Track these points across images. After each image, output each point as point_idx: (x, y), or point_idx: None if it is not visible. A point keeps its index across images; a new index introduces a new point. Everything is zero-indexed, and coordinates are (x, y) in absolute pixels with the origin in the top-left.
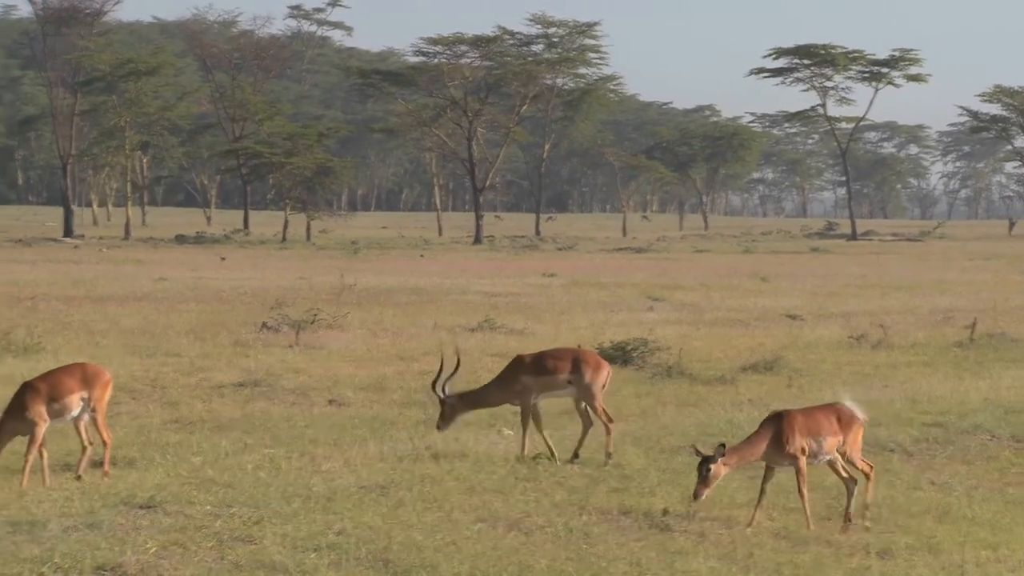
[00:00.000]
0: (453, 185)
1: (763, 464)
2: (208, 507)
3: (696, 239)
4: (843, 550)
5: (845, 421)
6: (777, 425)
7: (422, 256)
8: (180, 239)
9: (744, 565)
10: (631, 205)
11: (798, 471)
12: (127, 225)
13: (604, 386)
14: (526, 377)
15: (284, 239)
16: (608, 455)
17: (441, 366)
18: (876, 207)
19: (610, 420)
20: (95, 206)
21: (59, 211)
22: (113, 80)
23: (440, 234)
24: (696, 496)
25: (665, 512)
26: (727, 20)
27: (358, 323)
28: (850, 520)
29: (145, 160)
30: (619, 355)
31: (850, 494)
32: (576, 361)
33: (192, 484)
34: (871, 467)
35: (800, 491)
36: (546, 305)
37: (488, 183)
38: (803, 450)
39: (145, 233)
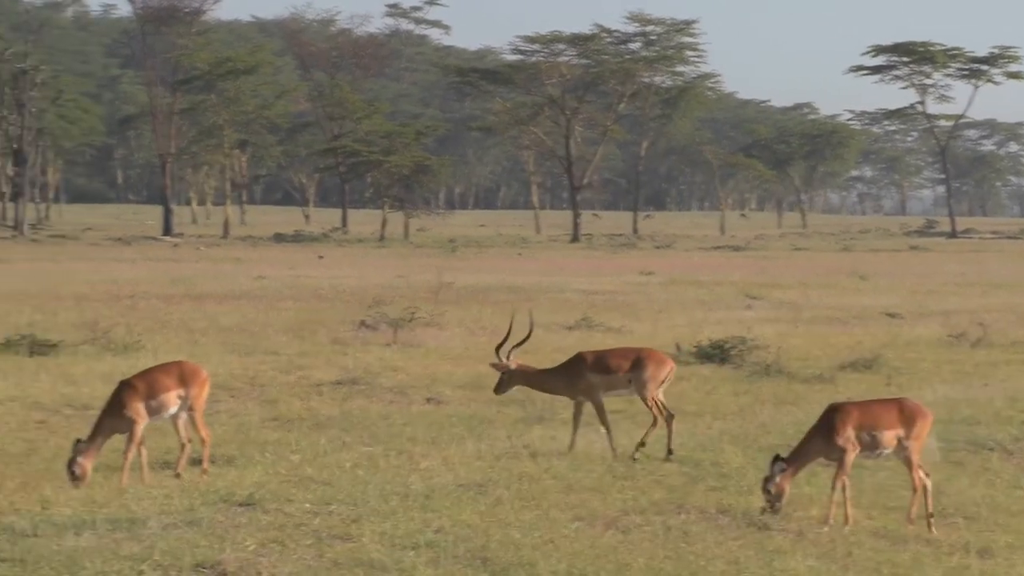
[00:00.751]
0: (551, 183)
1: (859, 461)
2: (307, 505)
3: (794, 237)
4: (943, 549)
5: (908, 415)
6: (829, 418)
7: (519, 254)
8: (278, 237)
9: (843, 564)
10: (729, 203)
11: (841, 464)
12: (226, 224)
13: (664, 382)
14: (592, 376)
15: (382, 237)
16: (670, 451)
17: (508, 333)
18: (975, 205)
19: (670, 415)
20: (194, 204)
21: (158, 210)
22: (212, 79)
23: (538, 232)
24: (773, 511)
25: (763, 511)
26: (825, 18)
27: (456, 321)
28: (932, 516)
29: (244, 159)
30: (717, 353)
31: (924, 497)
32: (638, 359)
33: (291, 482)
34: (928, 475)
35: (834, 484)
36: (644, 303)
37: (585, 181)
38: (853, 443)
39: (244, 232)
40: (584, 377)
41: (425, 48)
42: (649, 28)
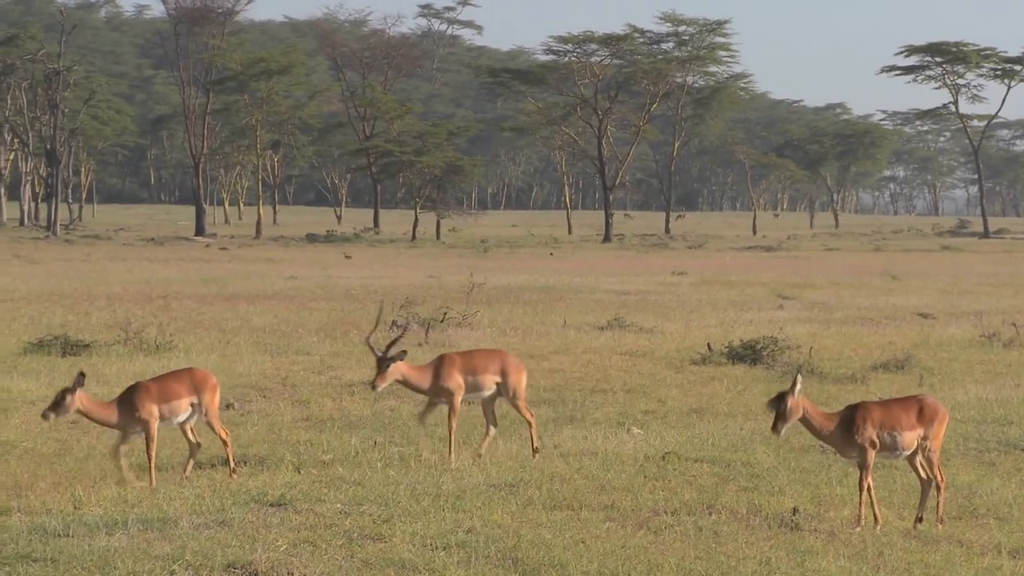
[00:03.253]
0: (583, 183)
1: (891, 463)
2: (338, 505)
3: (826, 237)
4: (974, 549)
5: (928, 414)
6: (851, 414)
7: (551, 254)
8: (311, 238)
9: (874, 564)
10: (761, 203)
11: (863, 464)
12: (258, 224)
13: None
14: (460, 376)
15: (414, 237)
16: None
17: (377, 323)
18: (1008, 205)
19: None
20: (226, 205)
21: (191, 210)
22: (244, 79)
23: (570, 232)
24: (776, 430)
25: (795, 511)
26: (858, 18)
27: (487, 321)
28: (921, 520)
29: (276, 159)
30: (748, 354)
31: (925, 495)
32: (503, 363)
33: (322, 482)
34: (943, 478)
35: (860, 485)
36: (676, 303)
37: (618, 181)
38: (873, 443)
39: (276, 232)
40: (454, 377)
41: (457, 48)
42: (682, 28)
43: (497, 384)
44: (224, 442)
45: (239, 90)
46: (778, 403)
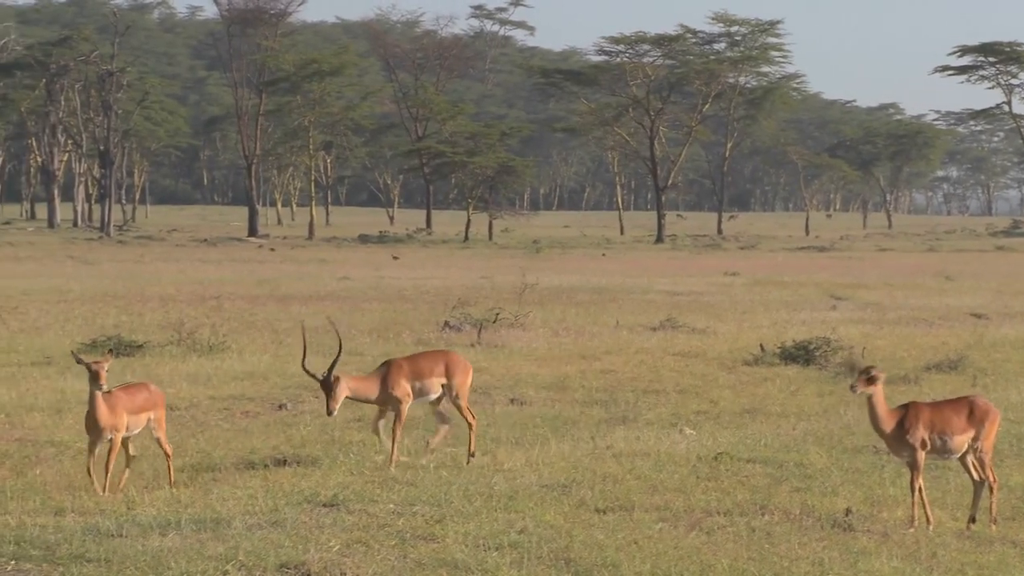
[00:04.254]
0: (635, 184)
1: (944, 463)
2: (391, 505)
3: (879, 237)
4: None
5: (978, 415)
6: (903, 414)
7: (604, 255)
8: (363, 238)
9: (927, 565)
10: (814, 203)
11: (913, 465)
12: (311, 225)
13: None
14: (407, 383)
15: (466, 238)
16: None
17: (304, 345)
18: None
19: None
20: (279, 206)
21: (244, 211)
22: (297, 80)
23: (622, 233)
24: (852, 389)
25: (848, 512)
26: (911, 17)
27: (540, 322)
28: (974, 520)
29: (329, 160)
30: (801, 354)
31: (977, 495)
32: (448, 364)
33: (375, 483)
34: (995, 479)
35: (912, 485)
36: (728, 304)
37: (670, 182)
38: (924, 443)
39: (328, 233)
40: (401, 384)
41: (510, 49)
42: (734, 28)
43: (443, 386)
44: (470, 425)
45: (292, 91)
46: (868, 371)
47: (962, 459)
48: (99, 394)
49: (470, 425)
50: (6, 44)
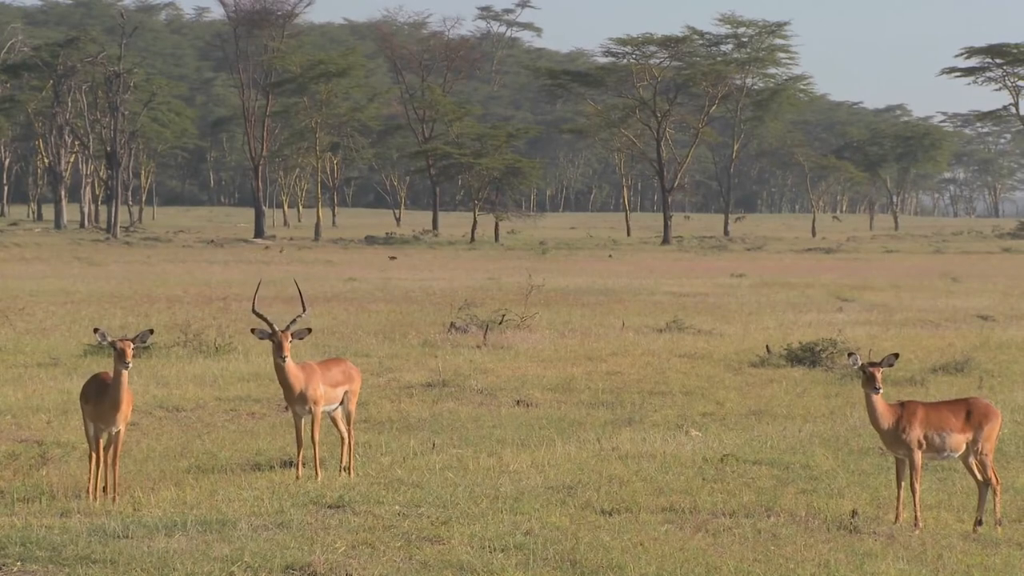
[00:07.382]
0: (641, 185)
1: (950, 464)
2: (396, 507)
3: (886, 239)
4: None
5: (977, 417)
6: (899, 412)
7: (610, 256)
8: (369, 240)
9: (934, 567)
10: (821, 205)
11: (912, 465)
12: (317, 226)
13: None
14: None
15: (473, 239)
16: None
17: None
18: None
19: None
20: (286, 207)
21: (250, 212)
22: (304, 82)
23: (628, 234)
24: (877, 390)
25: (854, 514)
26: (918, 19)
27: (546, 323)
28: (980, 523)
29: (335, 161)
30: (807, 356)
31: (982, 498)
32: (347, 371)
33: (381, 484)
34: (998, 480)
35: (912, 486)
36: (734, 305)
37: (677, 183)
38: (920, 443)
39: (335, 234)
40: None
41: (516, 51)
42: (741, 30)
43: (345, 393)
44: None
45: (298, 92)
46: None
47: (964, 461)
48: (124, 372)
49: (345, 437)
50: (13, 45)
